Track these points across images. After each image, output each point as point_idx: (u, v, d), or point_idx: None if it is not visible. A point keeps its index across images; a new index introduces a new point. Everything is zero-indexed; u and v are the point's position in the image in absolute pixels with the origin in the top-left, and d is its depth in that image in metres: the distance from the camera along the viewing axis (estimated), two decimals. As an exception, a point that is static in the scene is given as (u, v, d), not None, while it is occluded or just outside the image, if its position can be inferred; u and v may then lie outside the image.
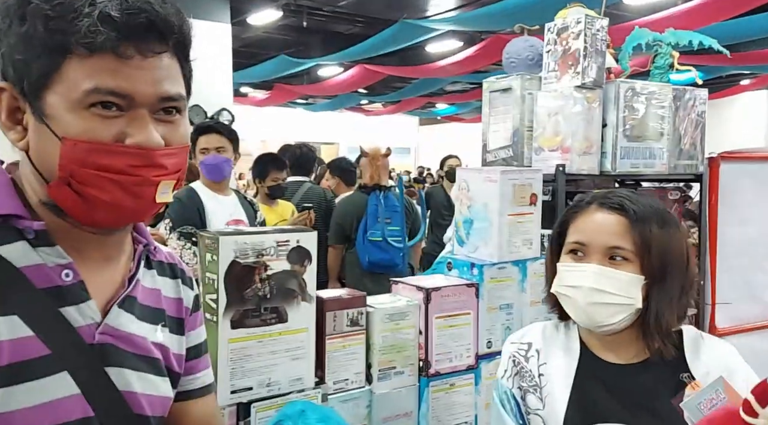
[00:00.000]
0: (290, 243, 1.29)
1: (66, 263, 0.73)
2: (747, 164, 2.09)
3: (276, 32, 8.77)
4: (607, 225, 1.03)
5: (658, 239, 1.01)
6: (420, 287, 1.55)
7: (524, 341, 1.17)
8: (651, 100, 1.83)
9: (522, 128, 1.87)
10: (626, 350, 1.07)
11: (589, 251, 1.04)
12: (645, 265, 1.01)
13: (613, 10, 6.71)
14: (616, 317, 1.01)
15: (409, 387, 1.52)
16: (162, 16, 0.69)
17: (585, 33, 1.71)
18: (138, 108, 0.70)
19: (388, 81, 10.81)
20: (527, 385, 1.11)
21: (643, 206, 1.04)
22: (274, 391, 1.29)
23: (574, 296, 1.03)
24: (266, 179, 3.45)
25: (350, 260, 3.42)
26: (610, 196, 1.07)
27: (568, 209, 1.13)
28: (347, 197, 3.62)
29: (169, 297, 0.88)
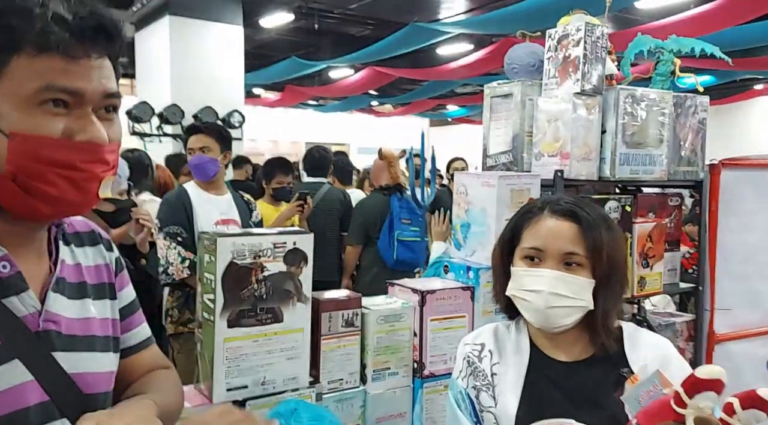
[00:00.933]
0: (287, 245, 1.31)
1: (1, 256, 0.74)
2: (748, 171, 2.08)
3: (288, 34, 8.82)
4: (561, 232, 1.09)
5: (607, 243, 1.08)
6: (415, 290, 1.57)
7: (477, 342, 1.22)
8: (651, 107, 1.84)
9: (522, 133, 1.88)
10: (572, 348, 1.13)
11: (545, 256, 1.10)
12: (595, 268, 1.08)
13: (625, 14, 6.70)
14: (570, 318, 1.09)
15: (403, 387, 1.54)
16: (110, 20, 0.73)
17: (585, 40, 1.72)
18: (84, 106, 0.72)
19: (398, 83, 10.83)
20: (480, 384, 1.15)
21: (591, 213, 1.11)
22: (269, 390, 1.32)
23: (533, 300, 1.09)
24: (272, 181, 3.54)
25: (368, 259, 3.50)
26: (561, 203, 1.13)
27: (520, 214, 1.18)
28: (369, 198, 3.70)
29: (91, 266, 0.89)
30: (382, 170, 3.60)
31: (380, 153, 3.65)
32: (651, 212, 1.98)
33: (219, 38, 6.67)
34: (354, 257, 3.60)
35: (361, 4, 7.12)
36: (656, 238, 1.90)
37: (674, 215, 2.04)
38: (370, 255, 3.51)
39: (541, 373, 1.11)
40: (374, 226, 3.48)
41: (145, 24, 6.85)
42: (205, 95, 6.35)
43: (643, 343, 1.12)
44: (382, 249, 3.44)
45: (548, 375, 1.11)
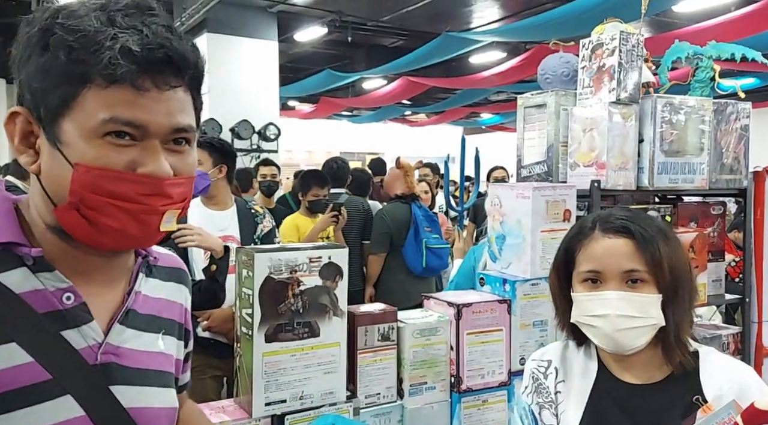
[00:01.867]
0: (322, 259, 1.33)
1: (66, 287, 0.74)
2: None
3: (322, 47, 8.95)
4: (617, 250, 1.04)
5: (667, 255, 1.03)
6: (451, 303, 1.56)
7: (544, 358, 1.19)
8: (690, 115, 1.80)
9: (557, 143, 1.86)
10: (643, 370, 1.08)
11: (604, 277, 1.05)
12: (659, 282, 1.03)
13: (663, 17, 6.56)
14: (642, 338, 1.03)
15: (441, 402, 1.54)
16: (179, 52, 0.72)
17: (620, 49, 1.70)
18: (151, 138, 0.72)
19: (431, 92, 10.84)
20: (543, 401, 1.14)
21: (646, 226, 1.06)
22: (307, 404, 1.33)
23: (600, 325, 1.04)
24: (307, 193, 3.59)
25: (391, 267, 3.52)
26: (612, 219, 1.08)
27: (570, 237, 1.14)
28: (391, 207, 3.72)
29: (174, 302, 0.90)
30: (397, 179, 3.67)
31: (397, 162, 3.72)
32: (692, 221, 1.93)
33: (255, 53, 6.81)
34: (378, 266, 3.64)
35: (394, 15, 7.17)
36: (699, 248, 1.85)
37: (717, 225, 1.98)
38: (393, 263, 3.56)
39: (607, 395, 1.08)
40: (399, 234, 3.53)
41: (184, 41, 7.03)
42: (242, 109, 6.49)
43: (719, 368, 1.05)
44: (409, 257, 3.49)
45: (614, 397, 1.07)
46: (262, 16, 6.84)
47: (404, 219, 3.55)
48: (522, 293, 1.63)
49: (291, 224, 3.64)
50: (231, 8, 6.37)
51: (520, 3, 6.67)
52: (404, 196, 3.63)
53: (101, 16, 0.69)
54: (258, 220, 2.71)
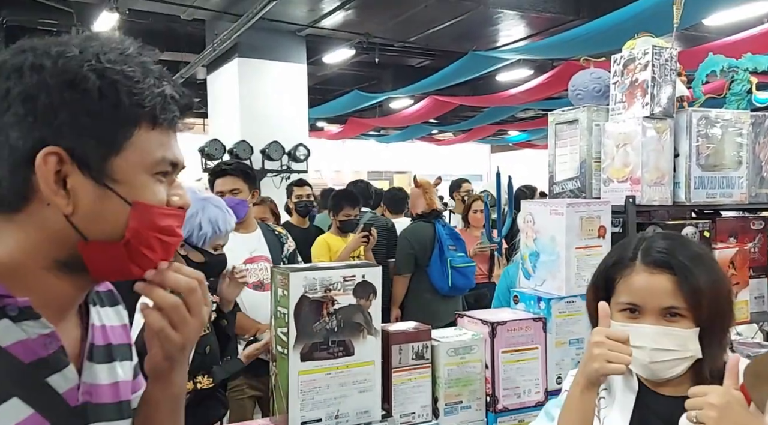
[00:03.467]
0: (356, 278, 1.34)
1: (49, 333, 0.73)
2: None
3: (349, 69, 9.08)
4: (658, 286, 1.06)
5: (707, 289, 1.04)
6: (485, 321, 1.55)
7: None
8: (727, 128, 1.77)
9: (589, 159, 1.85)
10: (681, 385, 1.08)
11: (643, 310, 1.07)
12: (697, 316, 1.04)
13: (693, 31, 6.48)
14: (677, 369, 1.06)
15: (477, 422, 1.52)
16: (192, 97, 0.80)
17: (653, 64, 1.69)
18: (176, 174, 0.80)
19: (458, 110, 10.87)
20: None
21: (687, 257, 1.06)
22: (342, 423, 1.33)
23: (637, 355, 1.06)
24: (339, 213, 3.62)
25: (416, 286, 3.52)
26: (652, 252, 1.08)
27: (609, 265, 1.14)
28: (414, 227, 3.73)
29: (115, 326, 0.89)
30: (418, 198, 3.71)
31: (416, 181, 3.76)
32: (732, 236, 1.89)
33: (284, 77, 6.95)
34: (403, 287, 3.63)
35: (420, 36, 7.25)
36: (739, 264, 1.81)
37: (758, 240, 1.93)
38: (418, 283, 3.55)
39: (650, 409, 1.10)
40: (423, 254, 3.53)
41: (217, 66, 7.23)
42: (272, 131, 6.60)
43: None
44: (435, 276, 3.50)
45: (656, 411, 1.09)
46: (291, 40, 6.98)
47: (428, 238, 3.56)
48: (557, 311, 1.61)
49: (322, 243, 3.67)
50: (261, 33, 6.53)
51: (546, 20, 6.67)
52: (426, 214, 3.64)
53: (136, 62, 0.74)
54: (283, 240, 2.80)
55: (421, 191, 3.74)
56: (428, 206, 3.70)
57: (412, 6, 6.21)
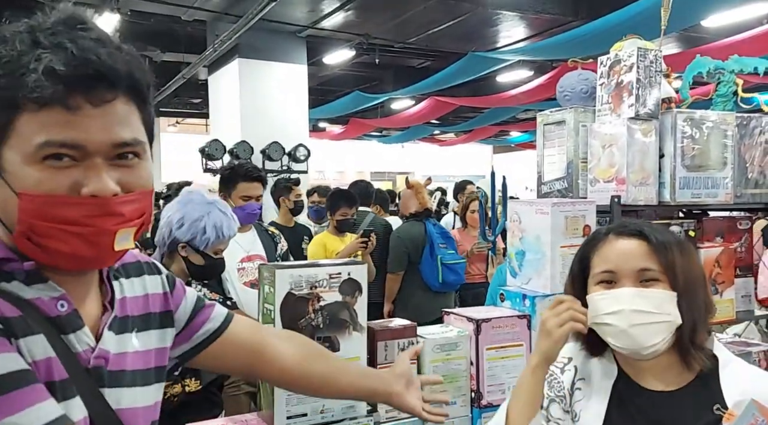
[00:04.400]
0: (342, 275, 1.37)
1: (59, 295, 0.75)
2: (827, 192, 1.97)
3: (350, 69, 9.11)
4: (632, 250, 1.06)
5: (681, 264, 1.04)
6: (471, 318, 1.57)
7: (564, 355, 1.19)
8: (713, 129, 1.79)
9: (576, 159, 1.87)
10: (663, 376, 1.07)
11: (619, 277, 1.06)
12: (673, 284, 1.03)
13: (692, 32, 6.50)
14: (658, 336, 1.02)
15: (462, 417, 1.54)
16: (108, 64, 0.69)
17: (638, 65, 1.71)
18: (92, 157, 0.70)
19: (459, 111, 10.89)
20: (555, 395, 1.14)
21: (661, 234, 1.07)
22: (327, 418, 1.36)
23: (615, 322, 1.04)
24: (336, 213, 3.66)
25: (409, 284, 3.60)
26: (627, 224, 1.10)
27: (584, 243, 1.16)
28: (406, 226, 3.81)
29: (138, 296, 0.90)
30: (410, 198, 3.78)
31: (407, 182, 3.84)
32: (718, 236, 1.91)
33: (285, 77, 6.99)
34: (395, 284, 3.75)
35: (420, 36, 7.28)
36: (725, 263, 1.83)
37: (745, 239, 1.95)
38: (411, 279, 3.64)
39: (628, 401, 1.07)
40: (415, 252, 3.63)
41: (218, 67, 7.28)
42: (272, 131, 6.64)
43: (742, 376, 1.03)
44: (426, 273, 3.62)
45: (635, 403, 1.06)
46: (291, 41, 7.02)
47: (419, 237, 3.66)
48: (542, 309, 1.63)
49: (318, 242, 3.70)
50: (262, 34, 6.57)
51: (545, 22, 6.69)
52: (418, 213, 3.71)
53: (26, 38, 0.68)
54: (276, 240, 2.85)
55: (413, 191, 3.81)
56: (421, 206, 3.77)
57: (411, 7, 6.24)
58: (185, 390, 1.72)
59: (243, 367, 1.09)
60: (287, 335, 1.18)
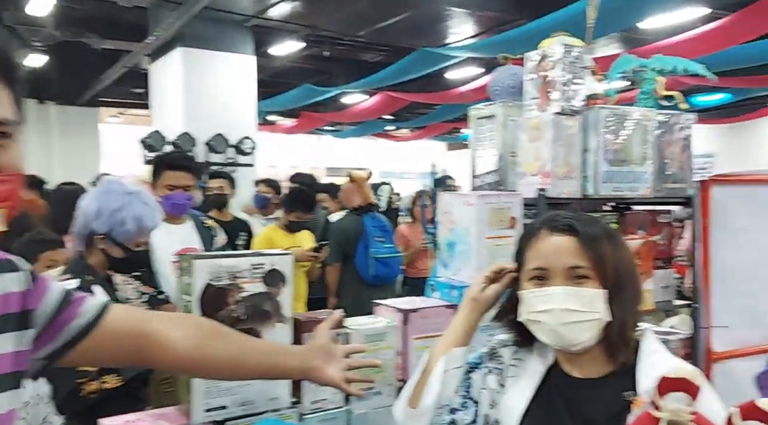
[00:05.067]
0: (265, 266, 1.35)
1: None
2: (741, 187, 2.08)
3: (301, 62, 9.02)
4: (562, 247, 1.07)
5: (611, 256, 1.06)
6: (399, 309, 1.59)
7: (504, 337, 1.23)
8: (635, 125, 1.86)
9: (506, 153, 1.91)
10: (589, 366, 1.10)
11: (550, 274, 1.08)
12: (603, 280, 1.05)
13: (632, 34, 6.72)
14: (587, 333, 1.05)
15: (388, 407, 1.55)
16: None
17: (563, 61, 1.76)
18: None
19: (412, 107, 10.94)
20: (494, 366, 1.18)
21: (591, 226, 1.09)
22: (249, 410, 1.34)
23: (546, 320, 1.06)
24: (291, 214, 3.62)
25: (348, 278, 3.62)
26: (559, 218, 1.11)
27: (520, 238, 1.18)
28: (343, 220, 3.84)
29: (14, 292, 0.87)
30: (353, 193, 3.83)
31: (350, 177, 3.88)
32: (640, 229, 1.98)
33: (231, 68, 6.85)
34: (333, 275, 3.81)
35: (370, 30, 7.27)
36: (645, 255, 1.90)
37: (665, 232, 2.03)
38: (347, 273, 3.67)
39: (555, 387, 1.10)
40: (350, 245, 3.67)
41: (159, 56, 7.07)
42: (217, 123, 6.51)
43: (659, 365, 1.04)
44: (359, 267, 3.65)
45: (561, 390, 1.10)
46: (237, 31, 6.88)
47: (354, 231, 3.71)
48: (469, 300, 1.66)
49: (265, 238, 3.65)
50: (205, 23, 6.42)
51: (492, 19, 6.79)
52: (361, 207, 3.75)
53: None
54: (213, 233, 2.77)
55: (356, 186, 3.84)
56: (364, 200, 3.79)
57: (357, 0, 6.23)
58: (103, 387, 1.66)
59: (128, 358, 1.05)
60: (180, 319, 1.13)
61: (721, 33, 5.71)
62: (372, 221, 3.74)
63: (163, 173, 2.63)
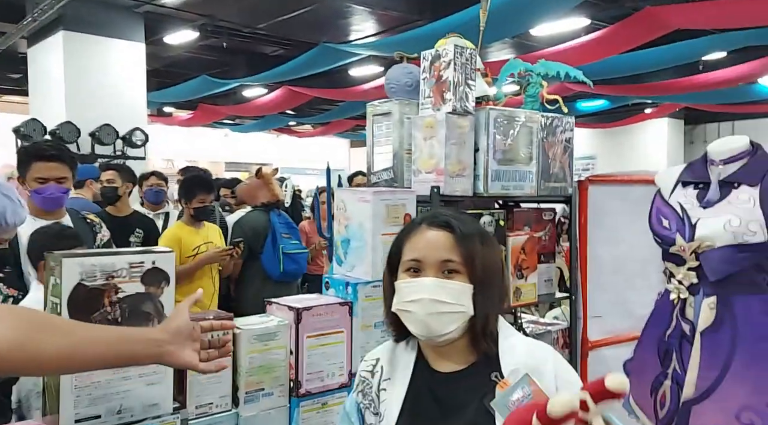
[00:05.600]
0: (145, 264, 1.27)
1: None
2: (615, 187, 2.24)
3: (199, 52, 8.65)
4: (438, 241, 1.12)
5: (481, 254, 1.11)
6: (291, 307, 1.56)
7: (373, 357, 1.22)
8: (521, 127, 1.94)
9: (401, 151, 1.93)
10: (454, 359, 1.14)
11: (424, 266, 1.12)
12: (472, 275, 1.10)
13: (523, 40, 7.07)
14: (452, 325, 1.09)
15: (279, 408, 1.52)
16: None
17: (455, 62, 1.80)
18: None
19: (315, 103, 10.85)
20: (367, 402, 1.17)
21: (466, 225, 1.14)
22: (126, 418, 1.26)
23: (415, 309, 1.10)
24: (193, 200, 3.43)
25: (249, 274, 3.56)
26: (438, 215, 1.16)
27: (401, 231, 1.21)
28: (249, 216, 3.76)
29: None
30: (260, 188, 3.76)
31: (258, 173, 3.83)
32: (526, 226, 2.08)
33: (119, 55, 6.43)
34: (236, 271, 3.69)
35: (271, 23, 7.11)
36: (529, 250, 2.00)
37: (548, 229, 2.15)
38: (251, 270, 3.59)
39: (423, 385, 1.13)
40: (256, 242, 3.59)
41: (39, 39, 6.50)
42: (104, 113, 6.08)
43: (518, 348, 1.13)
44: (267, 263, 3.58)
45: (429, 387, 1.13)
46: (126, 16, 6.47)
47: (261, 227, 3.64)
48: (364, 295, 1.66)
49: (172, 237, 3.41)
50: (90, 5, 5.99)
51: (393, 19, 6.88)
52: (269, 204, 3.69)
53: None
54: (96, 229, 2.59)
55: (263, 182, 3.78)
56: (273, 197, 3.73)
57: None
58: None
59: None
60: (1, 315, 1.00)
61: (600, 43, 6.16)
62: (278, 217, 3.68)
63: (32, 164, 2.39)
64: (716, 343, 1.44)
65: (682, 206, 1.55)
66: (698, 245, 1.46)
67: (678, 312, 1.53)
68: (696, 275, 1.48)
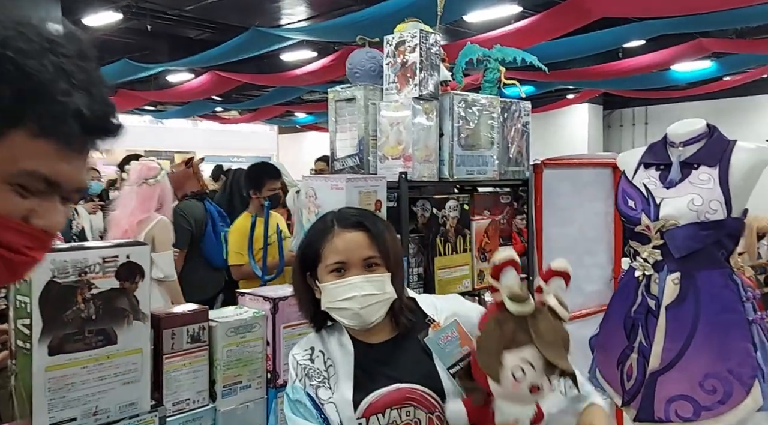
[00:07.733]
0: (119, 259, 1.20)
1: None
2: (566, 170, 2.33)
3: (119, 35, 8.18)
4: (357, 241, 1.24)
5: (392, 245, 1.27)
6: (267, 298, 1.52)
7: (306, 347, 1.28)
8: (482, 112, 1.98)
9: (367, 136, 1.92)
10: (381, 331, 1.27)
11: (348, 266, 1.23)
12: (387, 265, 1.25)
13: (456, 26, 7.17)
14: (381, 310, 1.23)
15: (257, 400, 1.49)
16: (116, 123, 0.69)
17: (420, 47, 1.80)
18: (55, 194, 0.68)
19: (244, 88, 10.55)
20: (317, 382, 1.22)
21: (376, 223, 1.28)
22: (102, 419, 1.19)
23: (350, 306, 1.21)
24: (262, 189, 3.25)
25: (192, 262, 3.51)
26: (347, 216, 1.27)
27: (311, 233, 1.29)
28: (189, 204, 3.69)
29: None
30: (189, 178, 3.79)
31: (188, 162, 3.90)
32: (486, 209, 2.13)
33: (34, 36, 5.97)
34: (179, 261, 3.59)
35: (197, 5, 6.83)
36: (491, 233, 2.05)
37: (506, 212, 2.21)
38: (193, 258, 3.59)
39: (367, 356, 1.24)
40: (199, 230, 3.59)
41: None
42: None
43: (438, 303, 1.33)
44: (210, 250, 3.55)
45: (373, 357, 1.24)
46: (41, -6, 6.01)
47: (202, 215, 3.64)
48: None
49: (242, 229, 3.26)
50: (0, -19, 5.51)
51: (326, 4, 6.78)
52: (200, 193, 3.72)
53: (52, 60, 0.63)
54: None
55: (192, 171, 3.81)
56: (202, 187, 3.79)
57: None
58: None
59: None
60: None
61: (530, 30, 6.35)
62: (211, 205, 3.70)
63: None
64: (680, 316, 1.54)
65: (646, 187, 1.64)
66: (663, 224, 1.55)
67: (643, 289, 1.62)
68: (660, 253, 1.58)
